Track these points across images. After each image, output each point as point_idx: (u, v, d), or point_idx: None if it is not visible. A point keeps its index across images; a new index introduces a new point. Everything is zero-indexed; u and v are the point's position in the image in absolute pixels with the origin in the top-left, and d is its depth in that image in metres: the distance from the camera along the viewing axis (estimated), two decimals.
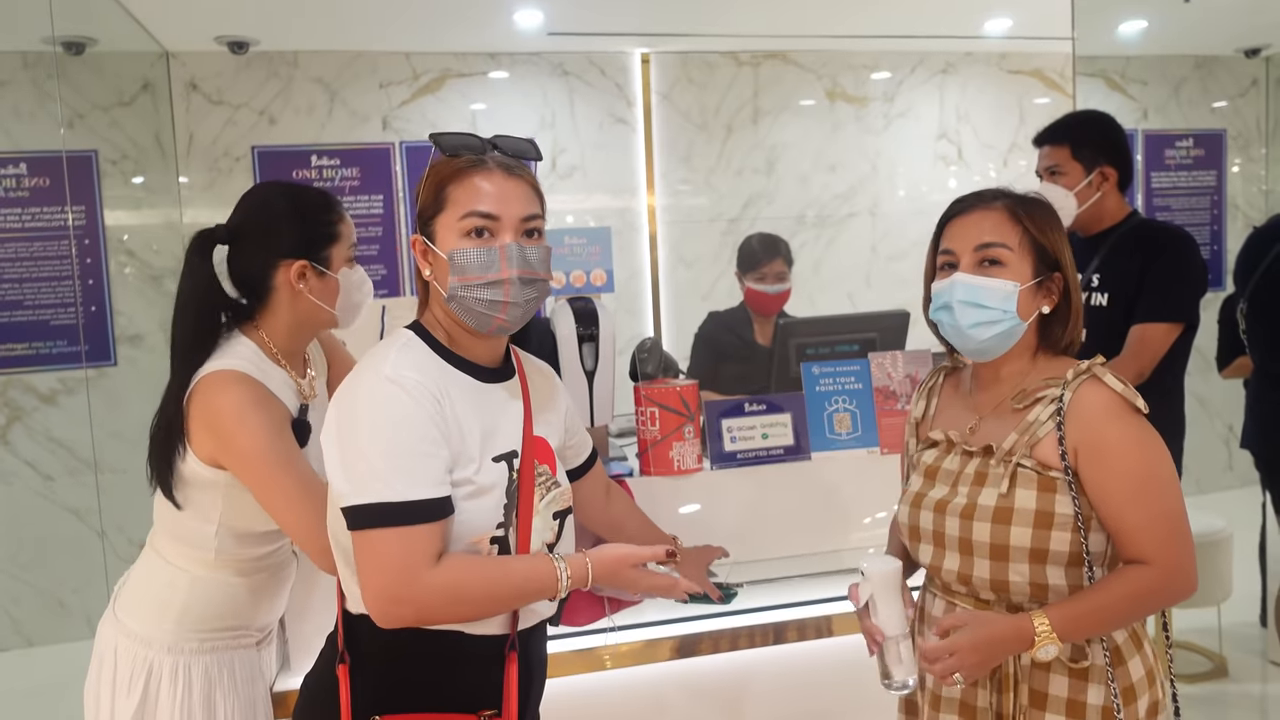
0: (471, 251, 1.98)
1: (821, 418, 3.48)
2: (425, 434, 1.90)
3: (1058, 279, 2.25)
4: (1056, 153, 3.75)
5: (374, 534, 1.85)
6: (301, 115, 6.37)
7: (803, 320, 4.37)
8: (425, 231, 2.04)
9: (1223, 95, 8.30)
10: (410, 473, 1.86)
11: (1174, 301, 3.57)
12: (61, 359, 6.11)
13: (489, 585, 1.92)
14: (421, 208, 2.04)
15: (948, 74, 7.39)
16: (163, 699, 2.49)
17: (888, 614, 2.17)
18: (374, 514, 1.85)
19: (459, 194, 2.00)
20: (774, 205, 7.09)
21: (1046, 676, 2.16)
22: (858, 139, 7.25)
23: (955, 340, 2.28)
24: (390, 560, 1.84)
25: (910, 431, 2.52)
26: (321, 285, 2.50)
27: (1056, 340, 2.27)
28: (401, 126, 6.50)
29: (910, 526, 2.34)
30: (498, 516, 1.98)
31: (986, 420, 2.28)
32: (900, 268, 7.32)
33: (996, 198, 2.28)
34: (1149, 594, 2.09)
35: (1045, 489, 2.12)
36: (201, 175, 6.25)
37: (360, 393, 1.91)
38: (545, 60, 6.68)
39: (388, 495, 1.84)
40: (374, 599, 1.86)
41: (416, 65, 6.51)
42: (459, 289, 1.99)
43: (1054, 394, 2.17)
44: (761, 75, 7.03)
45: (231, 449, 2.32)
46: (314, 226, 2.50)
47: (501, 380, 2.13)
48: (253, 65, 6.27)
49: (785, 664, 3.12)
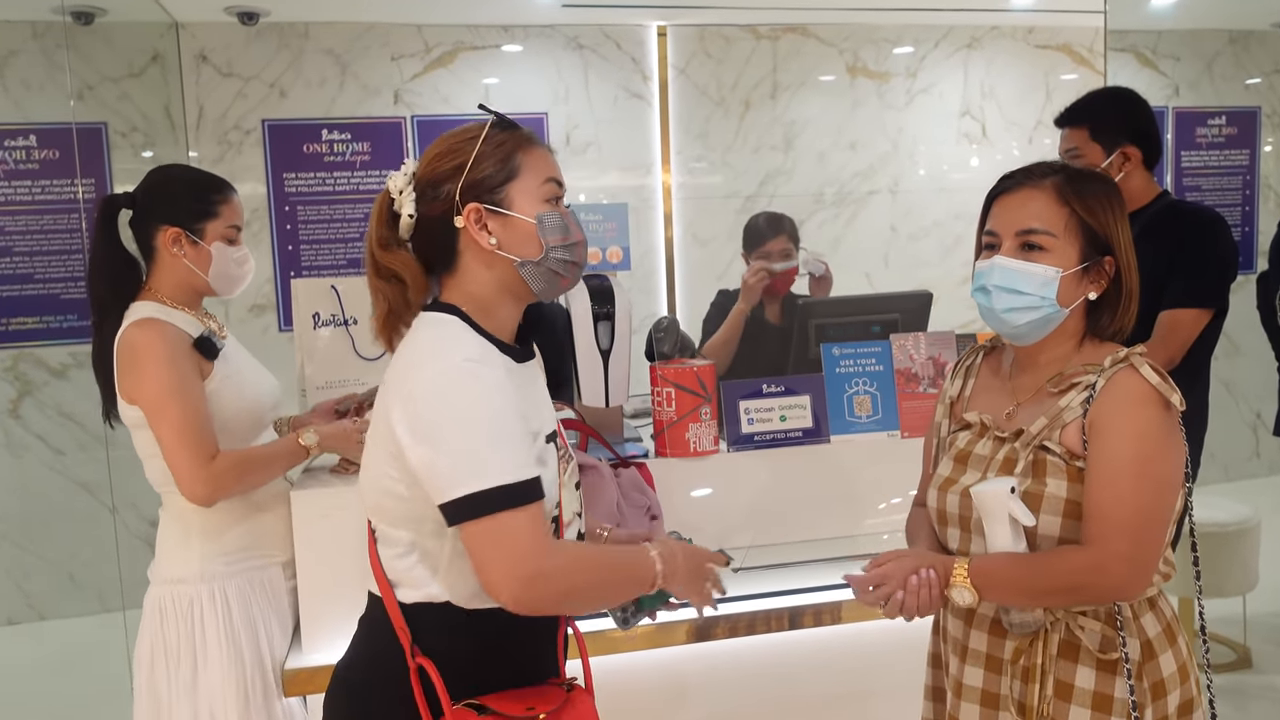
0: (556, 214, 2.07)
1: (841, 400, 3.47)
2: (517, 414, 1.95)
3: (1109, 263, 2.21)
4: (1075, 135, 3.73)
5: (501, 518, 1.87)
6: (313, 88, 6.40)
7: (822, 301, 4.38)
8: (491, 200, 2.04)
9: (1257, 71, 8.26)
10: (515, 454, 1.91)
11: (1204, 287, 3.57)
12: (72, 333, 6.22)
13: (600, 570, 2.03)
14: (480, 178, 2.04)
15: (973, 49, 7.35)
16: (208, 624, 2.86)
17: (996, 537, 2.14)
18: (496, 498, 1.87)
19: (533, 161, 2.08)
20: (791, 183, 7.08)
21: (1074, 668, 2.15)
22: (878, 115, 7.22)
23: (991, 323, 2.26)
24: (522, 540, 1.88)
25: (944, 412, 2.48)
26: (195, 253, 2.96)
27: (1104, 327, 2.25)
28: (413, 100, 6.53)
29: (939, 511, 2.32)
30: (555, 495, 2.05)
31: (1024, 405, 2.27)
32: (920, 248, 7.31)
33: (1047, 174, 2.24)
34: (1072, 574, 2.07)
35: (1075, 479, 2.12)
36: (211, 149, 6.29)
37: (442, 381, 1.93)
38: (559, 33, 6.69)
39: (505, 478, 1.88)
40: (512, 583, 1.88)
41: (428, 38, 6.52)
42: (550, 249, 2.05)
43: (1089, 380, 2.16)
44: (780, 49, 7.01)
45: (136, 380, 2.81)
46: (194, 201, 2.98)
47: (529, 358, 2.18)
48: (263, 36, 6.30)
49: (800, 649, 3.16)
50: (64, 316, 6.22)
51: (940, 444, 2.46)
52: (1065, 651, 2.16)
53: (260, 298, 6.36)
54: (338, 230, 6.46)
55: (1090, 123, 3.72)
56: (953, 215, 7.22)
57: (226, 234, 3.01)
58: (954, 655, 2.33)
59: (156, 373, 2.78)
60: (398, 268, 2.07)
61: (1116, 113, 3.74)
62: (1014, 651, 2.19)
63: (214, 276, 3.01)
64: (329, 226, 6.45)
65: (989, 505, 2.13)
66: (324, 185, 6.44)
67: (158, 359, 2.78)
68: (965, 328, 4.45)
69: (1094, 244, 2.20)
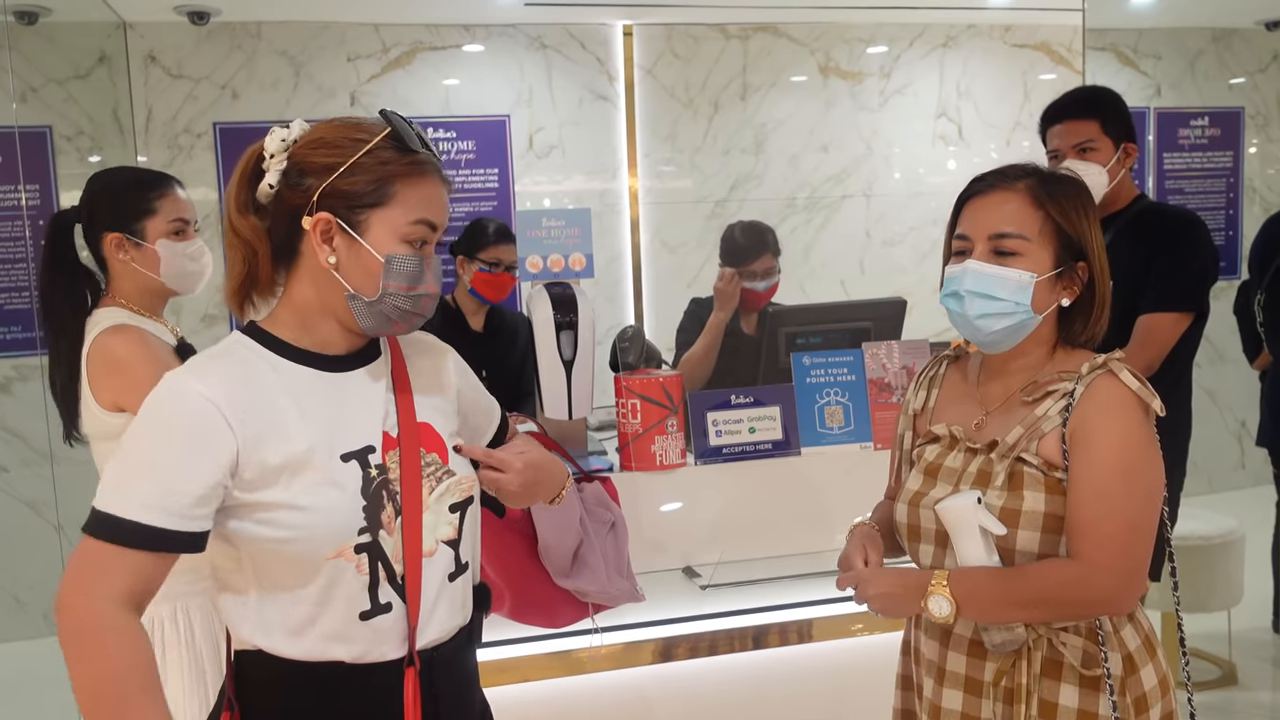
0: (411, 260, 1.92)
1: (812, 411, 3.49)
2: (193, 450, 1.81)
3: (1082, 269, 2.21)
4: (1086, 127, 3.68)
5: (93, 544, 1.77)
6: (266, 90, 6.38)
7: (793, 308, 4.38)
8: (346, 217, 1.90)
9: (1241, 70, 8.33)
10: (153, 492, 1.78)
11: (1183, 290, 3.57)
12: (15, 345, 6.18)
13: (98, 688, 1.76)
14: (345, 189, 1.90)
15: (948, 48, 7.36)
16: (169, 646, 2.85)
17: (969, 553, 2.13)
18: (99, 524, 1.78)
19: (411, 195, 1.92)
20: (762, 187, 7.07)
21: (1057, 686, 2.14)
22: (852, 117, 7.22)
23: (963, 330, 2.25)
24: (87, 572, 1.77)
25: (906, 424, 2.47)
26: (140, 254, 2.98)
27: (1076, 334, 2.25)
28: (370, 102, 6.49)
29: (909, 526, 2.31)
30: (356, 523, 1.87)
31: (994, 416, 2.26)
32: (896, 253, 7.32)
33: (1021, 176, 2.23)
34: (1059, 588, 2.07)
35: (1053, 492, 2.12)
36: (161, 153, 6.26)
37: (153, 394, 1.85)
38: (522, 33, 6.68)
39: (119, 510, 1.77)
40: (59, 598, 1.77)
41: (386, 37, 6.51)
42: (388, 294, 1.91)
43: (1066, 388, 2.16)
44: (750, 49, 7.01)
45: (126, 384, 2.79)
46: (126, 202, 3.00)
47: (357, 366, 2.01)
48: (214, 36, 6.28)
49: (770, 669, 3.16)
50: (7, 328, 6.17)
51: (904, 457, 2.46)
52: (1048, 670, 2.15)
53: (212, 307, 6.33)
54: None
55: (1102, 115, 3.69)
56: (929, 220, 7.22)
57: (171, 229, 3.02)
58: (929, 677, 2.32)
59: (152, 375, 2.69)
60: (248, 235, 1.94)
61: (1120, 109, 3.73)
62: (995, 673, 2.18)
63: (167, 275, 3.01)
64: None
65: (956, 520, 2.13)
66: None
67: (148, 361, 2.79)
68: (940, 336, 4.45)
69: (1068, 249, 2.20)
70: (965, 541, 2.12)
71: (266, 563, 1.86)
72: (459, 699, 2.07)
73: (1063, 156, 3.68)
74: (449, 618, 2.01)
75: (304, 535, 1.83)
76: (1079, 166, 3.56)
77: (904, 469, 2.44)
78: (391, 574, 1.91)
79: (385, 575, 1.90)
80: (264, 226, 1.95)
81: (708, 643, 3.04)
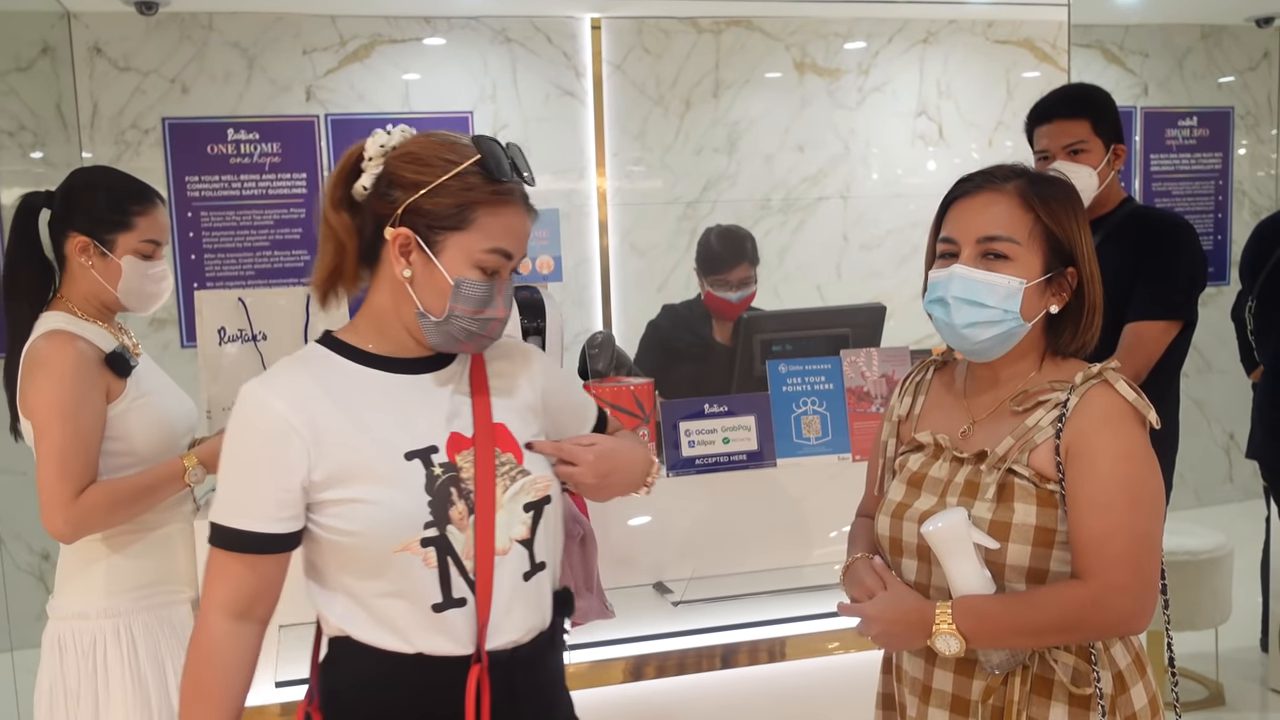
0: (481, 285, 2.04)
1: (788, 421, 3.49)
2: (269, 454, 2.03)
3: (1071, 275, 2.20)
4: (1076, 127, 3.68)
5: (215, 553, 2.05)
6: (217, 84, 6.35)
7: (768, 314, 4.39)
8: (425, 235, 2.04)
9: (1231, 69, 8.38)
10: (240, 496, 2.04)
11: (1171, 297, 3.58)
12: None
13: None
14: (428, 209, 2.03)
15: (929, 44, 7.38)
16: (112, 664, 2.85)
17: (963, 575, 2.11)
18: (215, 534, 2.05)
19: (492, 224, 2.04)
20: (736, 188, 7.06)
21: (1047, 705, 2.13)
22: (829, 115, 7.23)
23: (949, 339, 2.25)
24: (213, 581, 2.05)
25: (890, 431, 2.45)
26: (103, 265, 2.97)
27: (1065, 343, 2.24)
28: (327, 98, 6.49)
29: (892, 539, 2.29)
30: (420, 518, 2.02)
31: (982, 425, 2.26)
32: (874, 258, 7.33)
33: (1009, 178, 2.22)
34: (1071, 608, 2.07)
35: (1045, 504, 2.11)
36: (108, 149, 6.22)
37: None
38: (485, 25, 6.66)
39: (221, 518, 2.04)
40: None
41: (343, 30, 6.49)
42: (454, 315, 2.04)
43: (1058, 398, 2.15)
44: (723, 44, 7.01)
45: (32, 394, 2.81)
46: (108, 210, 2.99)
47: (429, 369, 2.15)
48: (163, 27, 6.24)
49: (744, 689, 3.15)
50: None
51: (887, 465, 2.44)
52: (1038, 688, 2.14)
53: (161, 311, 6.25)
54: (245, 238, 6.41)
55: (1093, 115, 3.70)
56: (908, 223, 7.24)
57: (142, 248, 3.02)
58: (913, 696, 2.31)
59: (51, 389, 2.78)
60: (340, 231, 2.09)
61: (1110, 109, 3.75)
62: (984, 691, 2.18)
63: (124, 292, 3.02)
64: (235, 234, 6.40)
65: (948, 542, 2.11)
66: (230, 189, 6.39)
67: (57, 375, 2.78)
68: (921, 343, 4.47)
69: (1057, 253, 2.19)
70: (959, 562, 2.11)
71: (342, 555, 2.05)
72: (542, 704, 2.21)
73: (1052, 158, 3.68)
74: (526, 619, 2.13)
75: (370, 529, 2.01)
76: (1068, 168, 3.53)
77: (886, 477, 2.43)
78: (462, 569, 2.05)
79: (456, 569, 2.05)
80: (355, 225, 2.11)
81: (680, 661, 3.04)
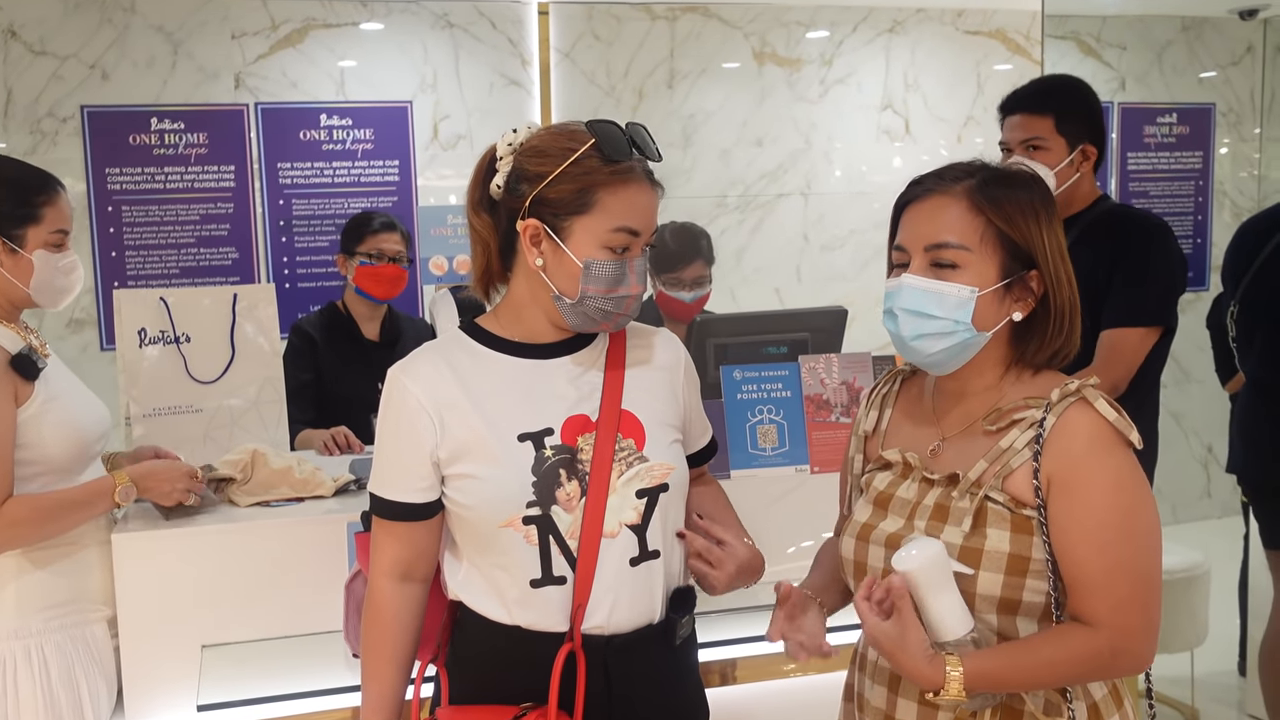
0: (610, 265, 2.25)
1: (743, 430, 3.48)
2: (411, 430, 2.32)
3: (1034, 278, 2.16)
4: (1037, 123, 3.70)
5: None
6: (140, 70, 6.29)
7: (723, 317, 4.38)
8: (552, 223, 2.26)
9: (1213, 63, 8.42)
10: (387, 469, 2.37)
11: (1149, 302, 3.60)
12: None
13: None
14: (552, 197, 2.24)
15: (895, 34, 7.37)
16: (23, 686, 2.85)
17: (941, 611, 2.06)
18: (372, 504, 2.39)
19: (613, 204, 2.24)
20: (691, 184, 7.05)
21: None
22: (789, 108, 7.24)
23: (901, 351, 2.24)
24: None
25: (856, 446, 2.44)
26: (13, 263, 2.97)
27: (1033, 353, 2.20)
28: (257, 85, 6.44)
29: (856, 563, 2.28)
30: (524, 497, 2.25)
31: (952, 442, 2.24)
32: (836, 258, 7.33)
33: (960, 178, 2.20)
34: (1088, 661, 2.05)
35: (1020, 530, 2.08)
36: (22, 139, 6.16)
37: None
38: (426, 10, 6.63)
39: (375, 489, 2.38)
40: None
41: (275, 13, 6.43)
42: (587, 296, 2.26)
43: (1034, 417, 2.12)
44: (679, 31, 6.99)
45: None
46: (13, 204, 2.97)
47: (561, 354, 2.39)
48: (82, 10, 6.17)
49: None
50: None
51: (854, 483, 2.43)
52: (1007, 718, 2.13)
53: (79, 311, 6.25)
54: (169, 234, 6.36)
55: (1056, 112, 3.71)
56: (872, 223, 7.22)
57: (51, 240, 3.01)
58: None
59: None
60: (482, 231, 2.38)
61: (1082, 105, 3.77)
62: None
63: (36, 288, 3.01)
64: (159, 230, 6.34)
65: (929, 577, 2.04)
66: (153, 182, 6.33)
67: None
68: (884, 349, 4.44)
69: (1016, 257, 2.16)
70: (941, 599, 2.05)
71: (462, 527, 2.35)
72: (644, 699, 2.39)
73: (1011, 152, 3.70)
74: (632, 607, 2.33)
75: (478, 503, 2.28)
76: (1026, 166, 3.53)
77: (853, 496, 2.42)
78: (565, 547, 2.28)
79: (558, 547, 2.28)
80: (494, 223, 2.37)
81: None
